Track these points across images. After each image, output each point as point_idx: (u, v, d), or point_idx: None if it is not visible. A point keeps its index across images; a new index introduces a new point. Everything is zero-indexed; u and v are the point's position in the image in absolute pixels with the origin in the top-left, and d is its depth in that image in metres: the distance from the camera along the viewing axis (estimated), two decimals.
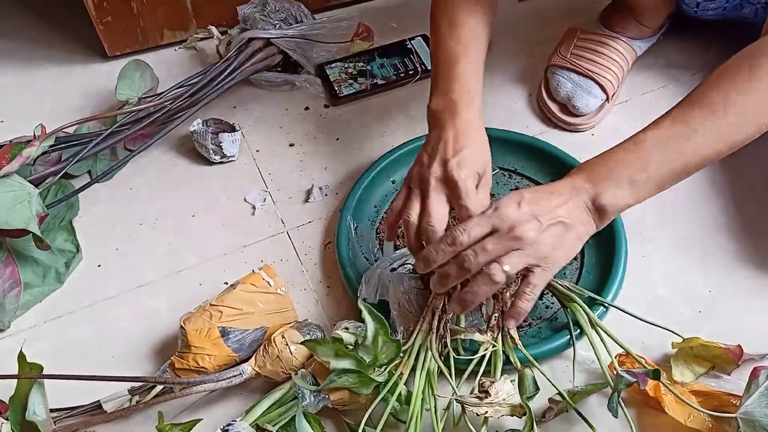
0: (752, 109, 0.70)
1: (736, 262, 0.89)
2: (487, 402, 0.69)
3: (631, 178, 0.70)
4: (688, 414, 0.74)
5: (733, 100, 0.69)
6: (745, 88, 0.69)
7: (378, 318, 0.70)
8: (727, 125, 0.70)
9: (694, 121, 0.70)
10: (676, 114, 0.71)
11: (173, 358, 0.81)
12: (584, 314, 0.79)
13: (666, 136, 0.70)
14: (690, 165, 0.71)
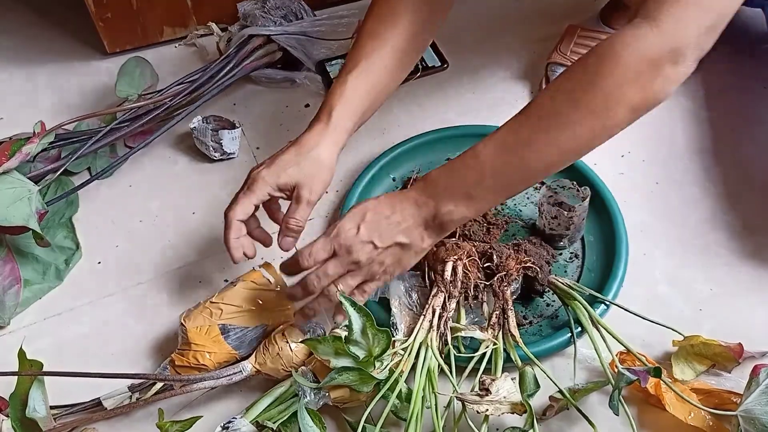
0: (582, 119, 0.67)
1: (737, 260, 0.89)
2: (488, 400, 0.69)
3: (467, 192, 0.71)
4: (689, 412, 0.74)
5: (565, 110, 0.67)
6: (577, 97, 0.67)
7: (362, 310, 0.70)
8: (558, 135, 0.68)
9: (525, 133, 0.69)
10: (510, 125, 0.70)
11: (173, 355, 0.81)
12: (585, 312, 0.79)
13: (500, 148, 0.70)
14: (525, 176, 0.71)
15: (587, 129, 0.67)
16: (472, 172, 0.71)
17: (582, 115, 0.67)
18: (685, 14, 0.64)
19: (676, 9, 0.63)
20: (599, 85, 0.65)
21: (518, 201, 0.94)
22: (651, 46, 0.64)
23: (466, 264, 0.80)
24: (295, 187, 0.78)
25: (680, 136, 1.02)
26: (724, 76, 1.08)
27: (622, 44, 0.65)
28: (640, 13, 0.65)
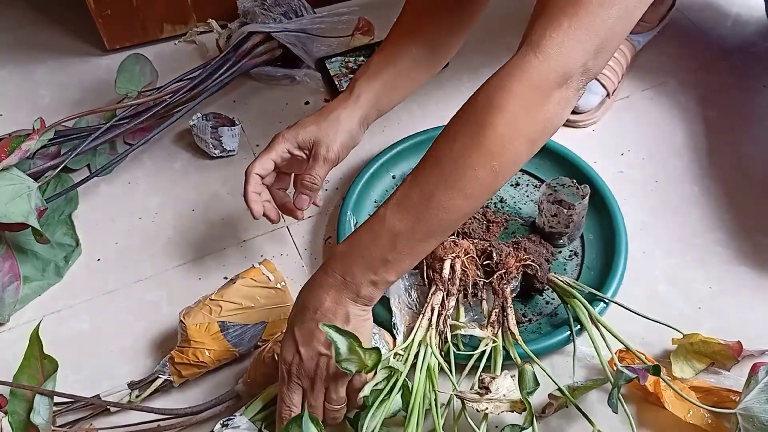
0: (481, 162, 0.64)
1: (736, 259, 0.89)
2: (487, 398, 0.69)
3: (384, 258, 0.67)
4: (688, 410, 0.74)
5: (463, 156, 0.64)
6: (473, 141, 0.64)
7: (346, 333, 0.67)
8: (460, 183, 0.65)
9: (428, 187, 0.65)
10: (411, 178, 0.67)
11: (173, 352, 0.81)
12: (584, 310, 0.79)
13: (404, 205, 0.66)
14: (436, 230, 0.67)
15: (488, 171, 0.65)
16: (381, 238, 0.67)
17: (481, 157, 0.64)
18: (568, 40, 0.63)
19: (558, 35, 0.63)
20: (492, 125, 0.63)
21: (518, 199, 0.94)
22: (537, 74, 0.63)
23: (465, 261, 0.80)
24: (313, 145, 0.80)
25: (680, 134, 1.02)
26: (723, 75, 1.08)
27: (509, 76, 0.64)
28: (525, 43, 0.65)
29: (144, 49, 1.16)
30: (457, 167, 0.65)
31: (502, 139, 0.64)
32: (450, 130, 0.67)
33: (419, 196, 0.66)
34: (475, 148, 0.64)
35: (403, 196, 0.67)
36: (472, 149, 0.64)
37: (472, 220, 0.90)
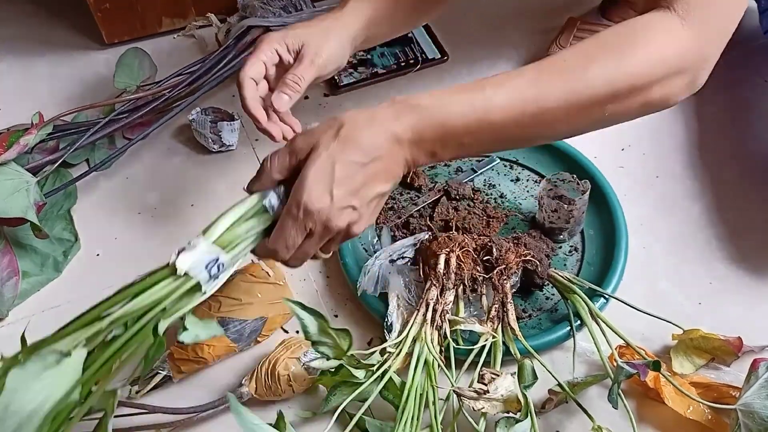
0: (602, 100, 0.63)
1: (737, 255, 0.89)
2: (485, 398, 0.69)
3: (459, 141, 0.62)
4: (688, 405, 0.74)
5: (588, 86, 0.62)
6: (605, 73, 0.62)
7: (314, 313, 0.64)
8: (585, 93, 0.62)
9: (549, 93, 0.61)
10: (533, 77, 0.62)
11: (172, 348, 0.81)
12: (585, 306, 0.79)
13: (514, 100, 0.61)
14: (530, 137, 0.65)
15: (601, 112, 0.63)
16: (475, 121, 0.61)
17: (604, 97, 0.62)
18: (712, 17, 0.62)
19: (704, 12, 0.61)
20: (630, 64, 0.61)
21: (518, 194, 0.94)
22: (684, 46, 0.62)
23: (459, 255, 0.80)
24: (302, 47, 0.76)
25: (681, 129, 1.02)
26: (724, 70, 1.07)
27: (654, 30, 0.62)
28: (672, 6, 0.62)
29: (143, 43, 1.16)
30: (580, 98, 0.61)
31: (629, 92, 0.62)
32: (589, 59, 0.62)
33: (534, 102, 0.61)
34: (605, 89, 0.61)
35: (518, 91, 0.61)
36: (602, 88, 0.61)
37: (472, 216, 0.90)
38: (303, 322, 0.64)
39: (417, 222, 0.91)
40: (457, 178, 0.95)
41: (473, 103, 0.61)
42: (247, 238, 0.63)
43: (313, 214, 0.60)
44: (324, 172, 0.60)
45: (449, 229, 0.89)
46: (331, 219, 0.61)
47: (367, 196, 0.62)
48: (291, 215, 0.61)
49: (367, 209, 0.63)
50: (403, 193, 0.95)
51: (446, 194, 0.93)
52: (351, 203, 0.61)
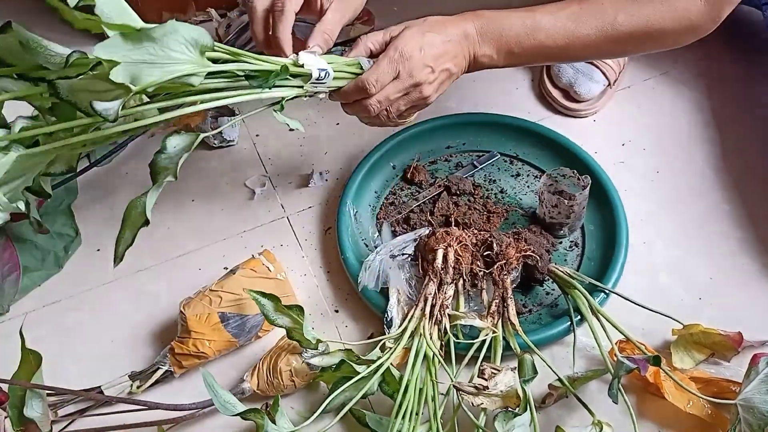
0: (637, 26, 0.77)
1: (737, 250, 0.89)
2: (485, 393, 0.69)
3: (510, 49, 0.79)
4: (688, 400, 0.74)
5: (622, 22, 0.77)
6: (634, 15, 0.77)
7: (271, 296, 0.75)
8: (606, 42, 0.78)
9: (583, 28, 0.78)
10: (574, 10, 0.78)
11: (173, 343, 0.81)
12: (585, 301, 0.79)
13: (557, 28, 0.78)
14: (557, 58, 0.82)
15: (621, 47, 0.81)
16: (521, 34, 0.78)
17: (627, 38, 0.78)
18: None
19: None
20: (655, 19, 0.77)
21: (518, 189, 0.94)
22: (702, 10, 0.77)
23: (457, 250, 0.80)
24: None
25: (682, 124, 1.02)
26: (727, 65, 1.08)
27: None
28: None
29: None
30: (607, 37, 0.78)
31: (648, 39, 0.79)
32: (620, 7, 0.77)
33: (570, 32, 0.78)
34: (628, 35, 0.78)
35: (560, 21, 0.78)
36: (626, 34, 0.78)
37: (473, 211, 0.90)
38: (262, 306, 0.75)
39: (417, 217, 0.91)
40: (458, 173, 0.95)
41: (525, 22, 0.78)
42: (342, 77, 0.76)
43: (405, 59, 0.75)
44: (418, 34, 0.76)
45: (450, 224, 0.89)
46: (415, 69, 0.75)
47: (442, 65, 0.77)
48: (388, 56, 0.75)
49: (439, 77, 0.78)
50: (403, 188, 0.96)
51: (447, 189, 0.93)
52: (431, 63, 0.76)
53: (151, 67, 0.60)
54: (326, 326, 0.86)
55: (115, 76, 0.58)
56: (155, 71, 0.60)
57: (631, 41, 0.79)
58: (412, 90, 0.77)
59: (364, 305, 0.86)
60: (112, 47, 0.59)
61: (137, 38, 0.60)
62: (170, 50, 0.61)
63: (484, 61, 0.80)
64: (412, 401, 0.72)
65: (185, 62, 0.62)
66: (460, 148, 0.98)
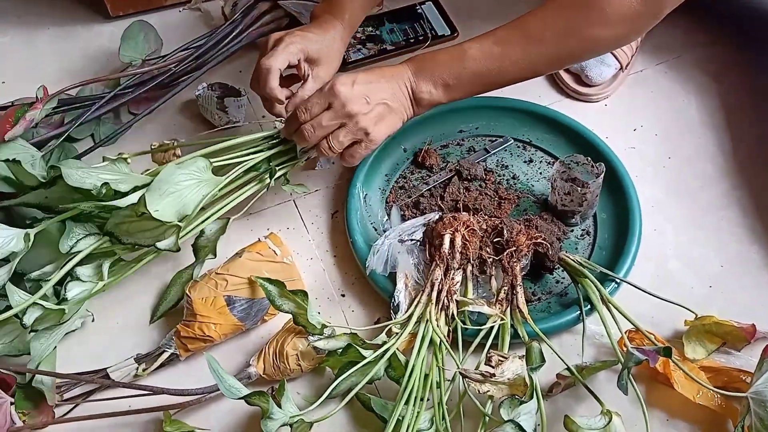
0: (560, 48, 0.79)
1: (748, 238, 0.88)
2: (492, 381, 0.69)
3: (445, 82, 0.81)
4: (697, 390, 0.74)
5: (549, 37, 0.78)
6: (560, 28, 0.78)
7: (272, 282, 0.77)
8: (537, 57, 0.80)
9: (509, 49, 0.79)
10: (499, 35, 0.80)
11: (179, 326, 0.80)
12: (595, 290, 0.78)
13: (484, 54, 0.80)
14: (495, 84, 0.83)
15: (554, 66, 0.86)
16: (454, 67, 0.81)
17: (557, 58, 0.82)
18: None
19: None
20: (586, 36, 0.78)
21: (531, 176, 0.93)
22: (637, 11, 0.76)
23: (465, 235, 0.80)
24: (315, 61, 0.86)
25: (694, 110, 1.00)
26: (740, 50, 1.06)
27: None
28: None
29: (148, 17, 1.14)
30: (540, 49, 0.80)
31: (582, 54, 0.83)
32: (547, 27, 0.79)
33: (498, 58, 0.80)
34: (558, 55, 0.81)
35: (488, 45, 0.80)
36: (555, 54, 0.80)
37: (483, 196, 0.89)
38: (268, 291, 0.76)
39: (428, 202, 0.90)
40: (470, 158, 0.94)
41: (453, 54, 0.81)
42: None
43: (337, 92, 0.79)
44: (350, 75, 0.80)
45: (460, 209, 0.88)
46: (349, 100, 0.79)
47: (378, 98, 0.80)
48: (320, 90, 0.81)
49: (375, 109, 0.80)
50: (414, 172, 0.94)
51: (458, 174, 0.92)
52: (365, 94, 0.80)
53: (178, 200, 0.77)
54: (333, 311, 0.85)
55: (162, 216, 0.75)
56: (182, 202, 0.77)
57: (566, 55, 0.81)
58: (347, 120, 0.79)
59: (371, 290, 0.85)
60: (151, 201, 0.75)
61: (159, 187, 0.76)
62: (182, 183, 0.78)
63: (424, 97, 0.82)
64: (418, 387, 0.72)
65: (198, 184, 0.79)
66: (472, 133, 0.97)
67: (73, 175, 0.74)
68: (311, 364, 0.78)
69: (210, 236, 0.85)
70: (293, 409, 0.69)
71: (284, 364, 0.77)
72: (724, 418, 0.74)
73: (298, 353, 0.77)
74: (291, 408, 0.69)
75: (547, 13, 0.79)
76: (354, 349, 0.74)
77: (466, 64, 0.80)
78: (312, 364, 0.78)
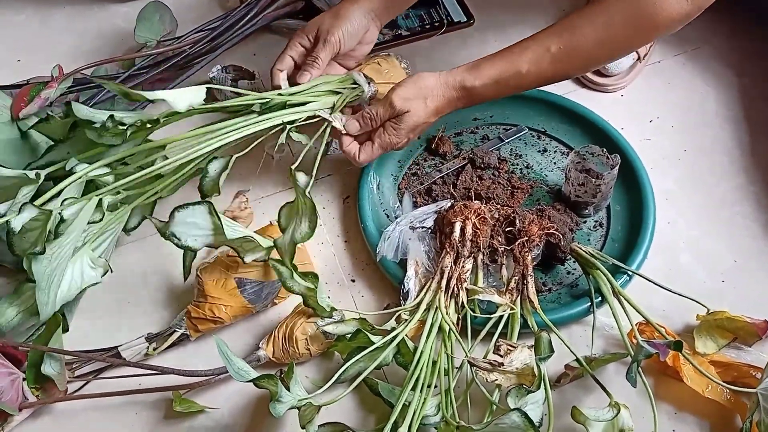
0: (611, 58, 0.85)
1: (762, 232, 0.87)
2: (500, 370, 0.69)
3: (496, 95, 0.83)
4: (707, 384, 0.73)
5: (604, 55, 0.81)
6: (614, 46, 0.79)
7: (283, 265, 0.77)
8: (587, 68, 0.89)
9: (564, 67, 0.80)
10: (555, 55, 0.78)
11: (189, 306, 0.81)
12: (607, 282, 0.78)
13: (539, 78, 0.81)
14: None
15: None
16: (509, 90, 0.82)
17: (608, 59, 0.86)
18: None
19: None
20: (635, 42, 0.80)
21: (544, 166, 0.92)
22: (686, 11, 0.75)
23: (476, 223, 0.79)
24: (317, 31, 0.88)
25: (712, 102, 0.99)
26: (759, 41, 1.05)
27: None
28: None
29: None
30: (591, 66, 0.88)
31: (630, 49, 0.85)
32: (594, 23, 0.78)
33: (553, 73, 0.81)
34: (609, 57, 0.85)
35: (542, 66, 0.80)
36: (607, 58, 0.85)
37: (496, 185, 0.89)
38: (280, 272, 0.76)
39: (440, 189, 0.90)
40: (484, 146, 0.94)
41: (509, 82, 0.81)
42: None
43: (395, 147, 0.85)
44: (413, 128, 0.84)
45: (472, 198, 0.88)
46: (402, 147, 0.86)
47: (424, 131, 0.88)
48: (382, 147, 0.85)
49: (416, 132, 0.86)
50: (427, 159, 0.94)
51: (471, 162, 0.92)
52: (416, 138, 0.87)
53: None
54: (342, 295, 0.86)
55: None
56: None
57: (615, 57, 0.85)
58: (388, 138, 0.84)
59: (381, 275, 0.85)
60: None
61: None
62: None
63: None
64: (425, 373, 0.72)
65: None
66: (487, 121, 0.97)
67: (81, 109, 0.75)
68: (320, 349, 0.78)
69: (213, 176, 0.83)
70: (301, 392, 0.70)
71: (293, 348, 0.77)
72: (732, 413, 0.74)
73: (307, 337, 0.77)
74: (299, 391, 0.70)
75: (599, 32, 0.78)
76: (363, 335, 0.74)
77: (520, 83, 0.81)
78: (321, 348, 0.78)
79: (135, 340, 0.80)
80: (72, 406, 0.79)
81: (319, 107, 0.84)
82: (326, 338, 0.77)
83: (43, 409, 0.78)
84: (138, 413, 0.78)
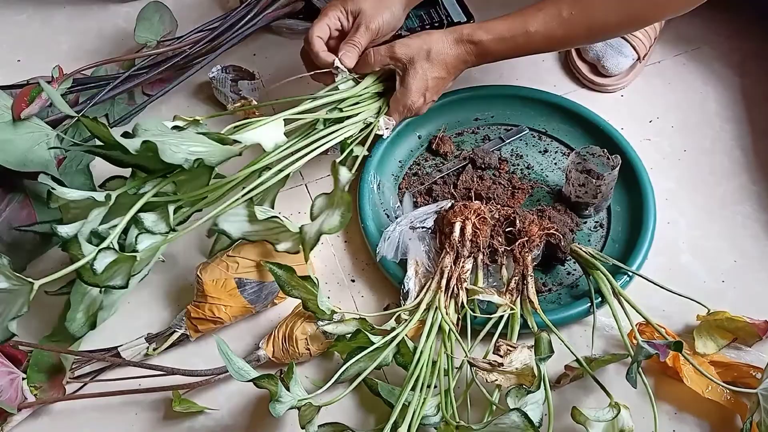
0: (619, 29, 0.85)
1: (763, 232, 0.87)
2: (500, 370, 0.69)
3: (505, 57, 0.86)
4: (707, 385, 0.73)
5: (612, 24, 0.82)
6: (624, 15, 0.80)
7: (284, 266, 0.77)
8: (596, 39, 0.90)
9: (574, 31, 0.82)
10: (565, 18, 0.80)
11: (189, 307, 0.81)
12: (607, 283, 0.78)
13: (547, 40, 0.82)
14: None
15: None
16: (516, 52, 0.85)
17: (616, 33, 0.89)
18: None
19: None
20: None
21: (545, 166, 0.92)
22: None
23: (476, 223, 0.79)
24: (359, 14, 0.87)
25: (712, 103, 0.99)
26: (760, 42, 1.05)
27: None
28: None
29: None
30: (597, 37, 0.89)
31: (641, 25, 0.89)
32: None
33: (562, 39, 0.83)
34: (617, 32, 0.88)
35: (550, 31, 0.81)
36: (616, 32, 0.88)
37: (497, 186, 0.89)
38: (277, 276, 0.76)
39: (440, 189, 0.90)
40: (484, 146, 0.94)
41: (517, 42, 0.83)
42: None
43: (412, 110, 0.88)
44: (422, 85, 0.86)
45: (472, 198, 0.88)
46: (421, 109, 0.89)
47: (440, 91, 0.89)
48: (397, 111, 0.87)
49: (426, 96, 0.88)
50: (428, 159, 0.94)
51: (472, 162, 0.92)
52: (433, 98, 0.89)
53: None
54: (342, 295, 0.86)
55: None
56: None
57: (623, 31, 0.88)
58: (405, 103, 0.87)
59: (381, 276, 0.85)
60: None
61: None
62: None
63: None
64: (425, 373, 0.72)
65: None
66: (488, 121, 0.97)
67: (167, 150, 0.75)
68: (320, 349, 0.78)
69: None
70: (301, 392, 0.70)
71: (293, 348, 0.77)
72: (732, 413, 0.74)
73: (307, 337, 0.78)
74: (299, 391, 0.70)
75: (613, 2, 0.79)
76: (363, 335, 0.74)
77: (529, 42, 0.82)
78: (321, 348, 0.78)
79: (135, 340, 0.81)
80: (71, 406, 0.79)
81: (368, 115, 0.87)
82: (326, 338, 0.77)
83: (43, 409, 0.79)
84: (138, 413, 0.79)
